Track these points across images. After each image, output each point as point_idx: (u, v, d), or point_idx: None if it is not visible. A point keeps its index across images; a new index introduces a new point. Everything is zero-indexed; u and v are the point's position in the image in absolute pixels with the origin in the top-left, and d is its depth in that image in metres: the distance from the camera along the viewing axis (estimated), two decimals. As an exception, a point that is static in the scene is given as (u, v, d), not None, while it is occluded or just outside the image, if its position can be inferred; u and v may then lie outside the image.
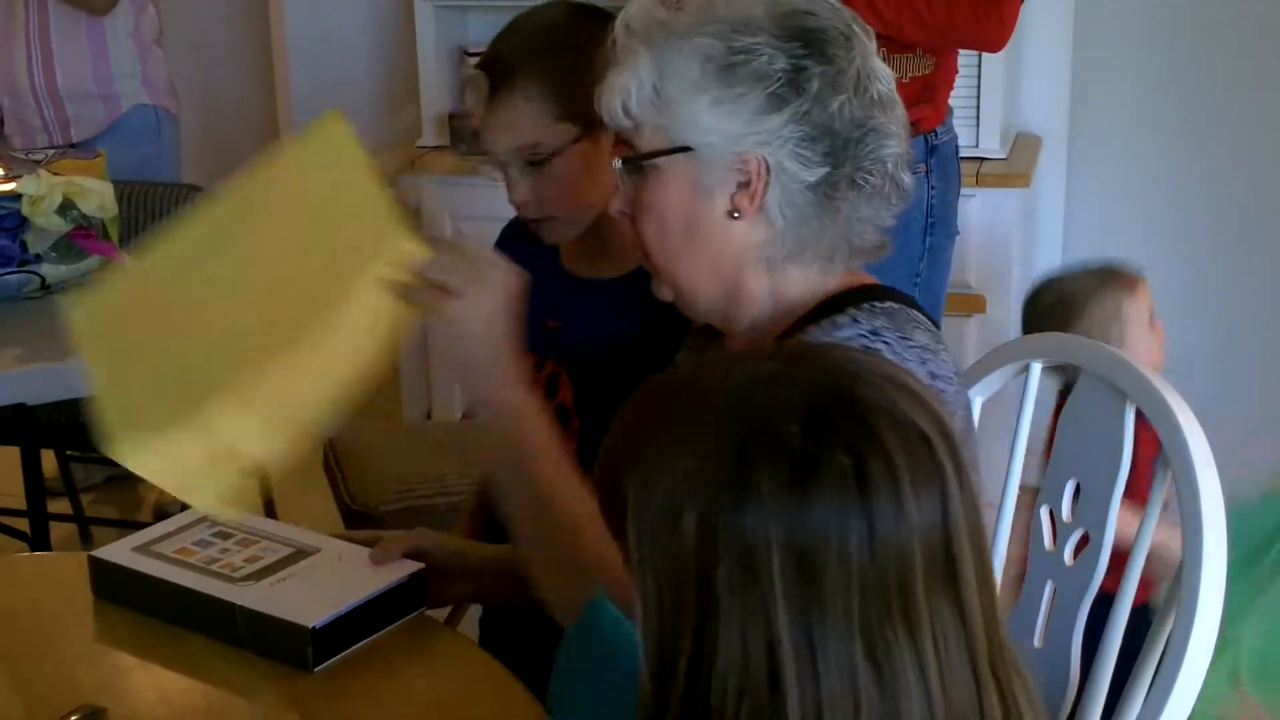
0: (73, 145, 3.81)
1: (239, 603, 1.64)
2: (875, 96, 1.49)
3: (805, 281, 1.53)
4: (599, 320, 1.88)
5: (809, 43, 1.47)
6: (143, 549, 1.77)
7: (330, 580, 1.69)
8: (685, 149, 1.48)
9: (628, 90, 1.49)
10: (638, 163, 1.51)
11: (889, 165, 1.50)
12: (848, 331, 1.45)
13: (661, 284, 1.57)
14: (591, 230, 1.87)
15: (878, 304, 1.50)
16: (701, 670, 0.97)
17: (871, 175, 1.49)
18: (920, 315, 1.52)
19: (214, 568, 1.71)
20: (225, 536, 1.79)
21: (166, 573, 1.71)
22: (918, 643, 0.97)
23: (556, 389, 1.89)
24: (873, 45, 1.52)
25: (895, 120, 1.52)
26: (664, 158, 1.49)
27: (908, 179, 1.53)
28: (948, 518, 0.99)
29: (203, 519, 1.83)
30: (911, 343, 1.45)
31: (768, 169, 1.47)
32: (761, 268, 1.52)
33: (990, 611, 1.02)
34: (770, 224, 1.49)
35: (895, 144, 1.51)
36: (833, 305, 1.50)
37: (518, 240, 1.99)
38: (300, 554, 1.75)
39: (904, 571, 0.96)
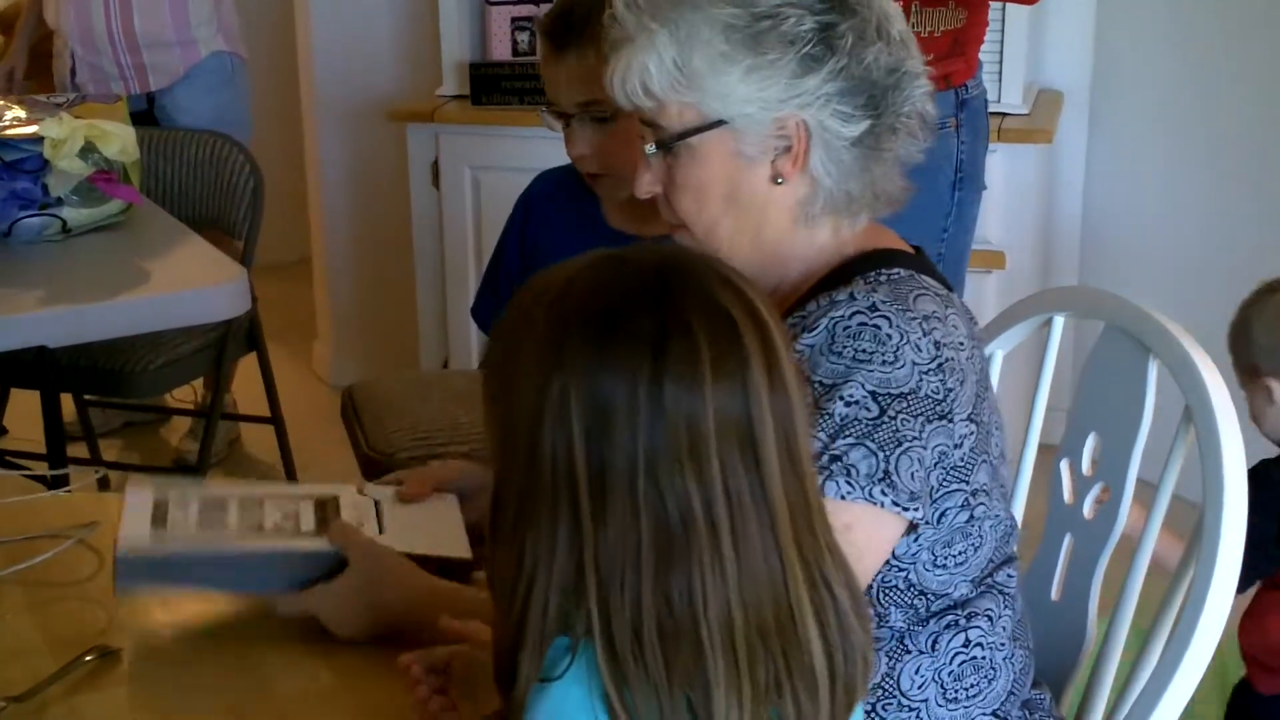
0: (150, 93, 3.81)
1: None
2: (898, 37, 1.48)
3: (831, 237, 1.51)
4: None
5: None
6: (163, 537, 1.60)
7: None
8: (720, 123, 1.45)
9: (646, 69, 1.45)
10: (671, 143, 1.48)
11: (919, 104, 1.50)
12: (842, 310, 1.41)
13: None
14: None
15: (885, 271, 1.47)
16: (522, 518, 1.08)
17: (909, 117, 1.49)
18: (928, 280, 1.48)
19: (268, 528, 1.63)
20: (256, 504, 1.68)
21: (229, 546, 1.60)
22: (708, 492, 1.05)
23: None
24: None
25: (916, 56, 1.51)
26: (698, 135, 1.46)
27: (931, 109, 1.53)
28: (749, 399, 1.07)
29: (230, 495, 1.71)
30: (913, 313, 1.41)
31: (808, 130, 1.45)
32: (801, 225, 1.50)
33: (800, 497, 1.09)
34: (814, 181, 1.48)
35: (923, 81, 1.50)
36: (845, 272, 1.48)
37: (558, 199, 1.98)
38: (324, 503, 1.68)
39: (695, 435, 1.05)
